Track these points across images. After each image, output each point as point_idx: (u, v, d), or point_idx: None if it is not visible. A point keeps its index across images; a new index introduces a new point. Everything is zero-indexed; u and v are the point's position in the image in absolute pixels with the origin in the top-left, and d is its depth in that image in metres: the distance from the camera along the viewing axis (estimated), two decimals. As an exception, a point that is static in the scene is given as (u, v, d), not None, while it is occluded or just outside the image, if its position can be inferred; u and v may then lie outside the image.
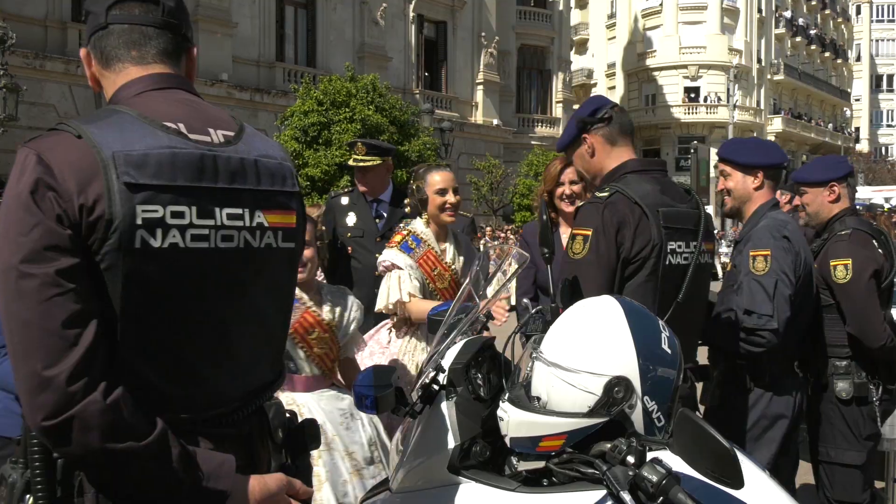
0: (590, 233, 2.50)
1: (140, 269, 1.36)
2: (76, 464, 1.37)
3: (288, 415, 1.67)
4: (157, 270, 1.37)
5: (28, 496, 1.38)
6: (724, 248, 20.51)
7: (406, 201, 4.20)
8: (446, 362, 1.99)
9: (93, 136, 1.37)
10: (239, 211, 1.49)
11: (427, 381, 1.95)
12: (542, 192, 4.01)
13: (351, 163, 4.70)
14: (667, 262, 2.53)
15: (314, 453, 2.45)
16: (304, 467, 1.68)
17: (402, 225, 4.76)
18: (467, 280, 2.18)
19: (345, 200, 4.80)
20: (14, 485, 1.39)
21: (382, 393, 1.92)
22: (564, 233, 3.89)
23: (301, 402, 3.06)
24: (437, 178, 3.79)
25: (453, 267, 3.76)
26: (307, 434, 1.69)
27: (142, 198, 1.35)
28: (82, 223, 1.32)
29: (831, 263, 3.34)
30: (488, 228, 24.10)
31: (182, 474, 1.36)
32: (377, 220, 4.68)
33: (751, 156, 3.28)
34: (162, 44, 1.57)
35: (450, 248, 3.82)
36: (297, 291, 3.04)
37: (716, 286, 3.23)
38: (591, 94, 4.14)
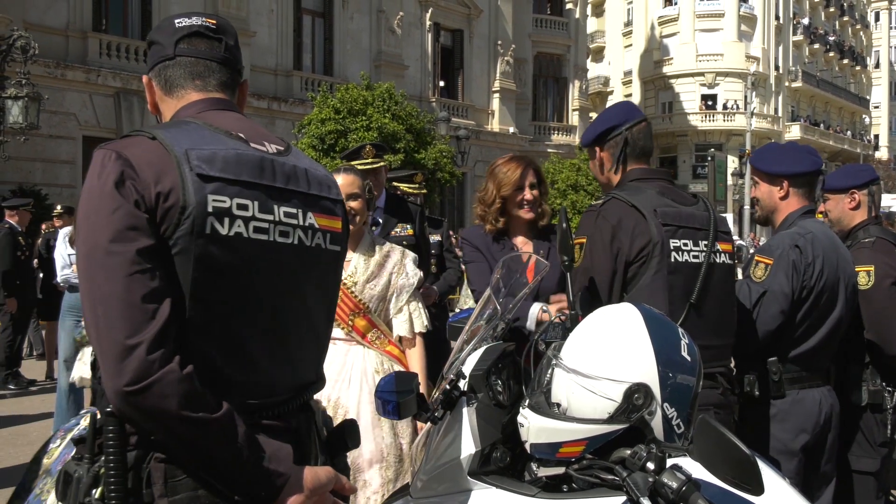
0: (584, 241, 2.60)
1: (209, 254, 1.47)
2: (146, 453, 1.44)
3: (328, 415, 1.75)
4: (223, 256, 1.49)
5: (94, 490, 1.44)
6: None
7: None
8: (467, 368, 2.01)
9: (165, 138, 1.50)
10: (294, 210, 1.62)
11: (448, 387, 1.97)
12: (496, 197, 3.47)
13: (360, 168, 4.57)
14: (672, 259, 2.56)
15: None
16: (343, 466, 1.74)
17: (398, 231, 4.74)
18: (488, 289, 2.20)
19: None
20: (80, 480, 1.46)
21: (405, 398, 1.94)
22: (518, 241, 3.51)
23: None
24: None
25: (351, 280, 3.33)
26: (347, 434, 1.75)
27: (212, 188, 1.49)
28: (157, 210, 1.44)
29: (854, 270, 3.34)
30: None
31: (247, 452, 1.44)
32: (373, 228, 4.57)
33: (775, 164, 3.24)
34: (222, 76, 1.74)
35: (357, 259, 3.38)
36: None
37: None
38: (622, 101, 3.97)
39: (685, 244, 2.60)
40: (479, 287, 3.48)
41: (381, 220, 4.67)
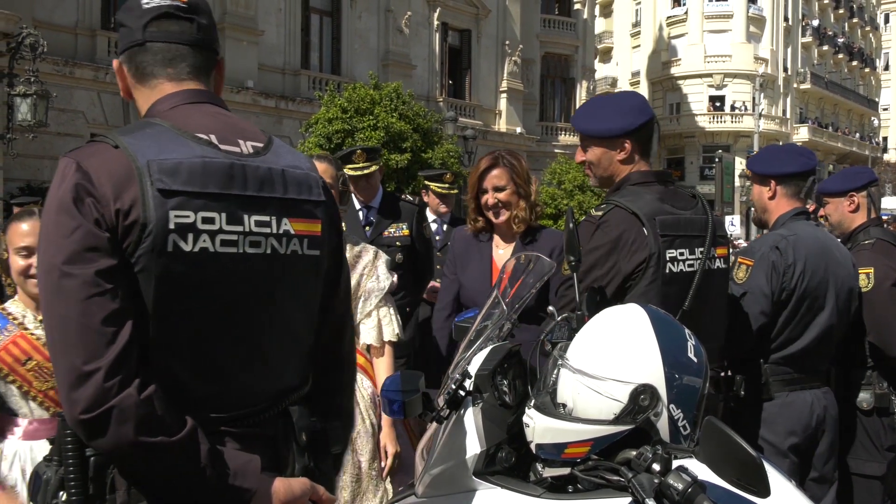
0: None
1: (172, 272, 1.42)
2: (109, 460, 1.41)
3: (313, 418, 1.68)
4: (188, 273, 1.43)
5: (61, 493, 1.43)
6: None
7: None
8: (473, 368, 2.00)
9: (129, 146, 1.44)
10: (266, 218, 1.54)
11: (454, 386, 1.97)
12: (471, 199, 3.42)
13: (351, 173, 4.43)
14: (667, 271, 2.52)
15: None
16: (328, 470, 1.71)
17: (392, 231, 4.66)
18: (495, 289, 2.19)
19: None
20: (48, 482, 1.45)
21: (410, 398, 1.94)
22: (497, 246, 3.44)
23: (9, 453, 2.65)
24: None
25: None
26: (330, 437, 1.70)
27: (174, 203, 1.42)
28: (118, 227, 1.39)
29: None
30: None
31: (210, 470, 1.40)
32: (366, 228, 4.52)
33: (762, 165, 3.27)
34: (195, 61, 1.64)
35: None
36: (17, 308, 2.79)
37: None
38: (634, 91, 3.94)
39: (681, 254, 2.56)
40: (440, 302, 3.56)
41: (373, 220, 4.58)
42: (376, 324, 3.20)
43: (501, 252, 3.38)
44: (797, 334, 3.03)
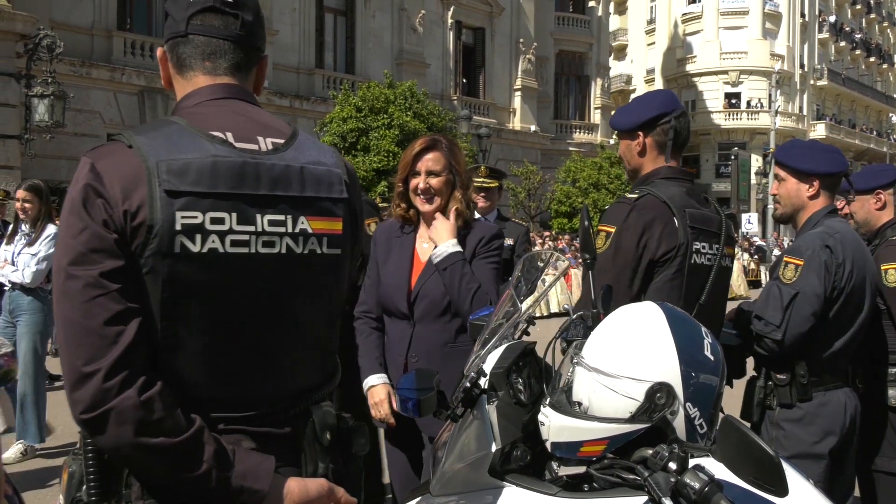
0: (613, 230, 2.63)
1: (180, 273, 1.41)
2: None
3: (338, 418, 1.66)
4: (196, 275, 1.42)
5: (84, 486, 1.44)
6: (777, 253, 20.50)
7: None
8: (488, 366, 2.00)
9: (142, 146, 1.43)
10: (281, 217, 1.51)
11: (468, 384, 1.96)
12: (399, 181, 3.12)
13: None
14: (692, 262, 2.61)
15: None
16: (357, 470, 1.70)
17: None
18: (509, 285, 2.18)
19: None
20: (74, 474, 1.47)
21: (425, 396, 1.93)
22: (422, 237, 3.13)
23: None
24: None
25: None
26: (354, 437, 1.68)
27: (181, 204, 1.41)
28: (127, 228, 1.39)
29: (882, 268, 3.31)
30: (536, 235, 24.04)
31: (216, 472, 1.40)
32: None
33: (808, 162, 3.17)
34: (235, 57, 1.63)
35: None
36: None
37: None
38: (663, 89, 3.96)
39: (703, 247, 2.65)
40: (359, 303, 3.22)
41: None
42: None
43: (426, 246, 3.10)
44: (840, 333, 3.01)
